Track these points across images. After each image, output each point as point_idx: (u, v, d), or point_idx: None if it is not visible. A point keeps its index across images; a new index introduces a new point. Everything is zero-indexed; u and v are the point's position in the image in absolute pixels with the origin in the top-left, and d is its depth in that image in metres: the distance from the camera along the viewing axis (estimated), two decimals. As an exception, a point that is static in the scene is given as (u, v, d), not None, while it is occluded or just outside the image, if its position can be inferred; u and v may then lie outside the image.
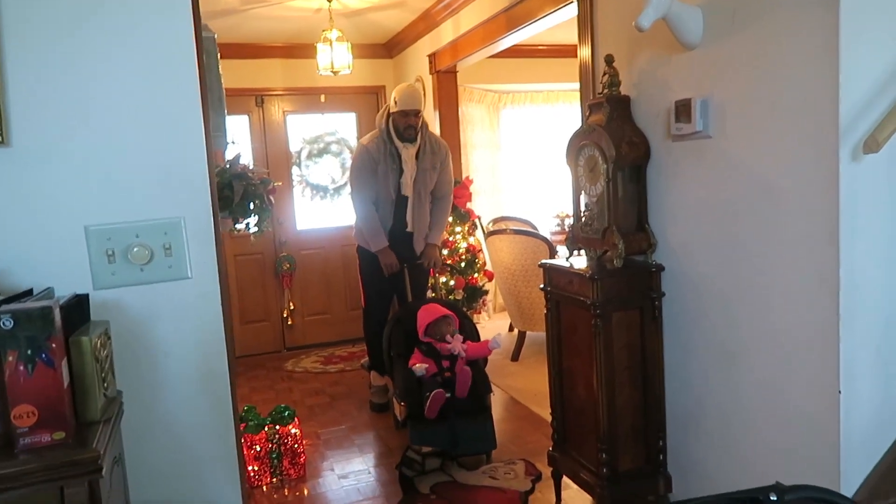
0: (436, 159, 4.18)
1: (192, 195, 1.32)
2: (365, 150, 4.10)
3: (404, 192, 4.11)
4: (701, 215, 2.42)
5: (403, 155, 4.07)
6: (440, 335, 3.64)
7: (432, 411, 3.30)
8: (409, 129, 4.04)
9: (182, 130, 1.30)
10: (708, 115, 2.31)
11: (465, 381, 3.38)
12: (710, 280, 2.41)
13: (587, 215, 2.77)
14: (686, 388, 2.60)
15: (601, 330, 2.57)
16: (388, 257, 4.12)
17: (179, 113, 1.31)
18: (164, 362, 1.31)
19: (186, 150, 1.31)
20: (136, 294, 1.29)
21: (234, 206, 2.66)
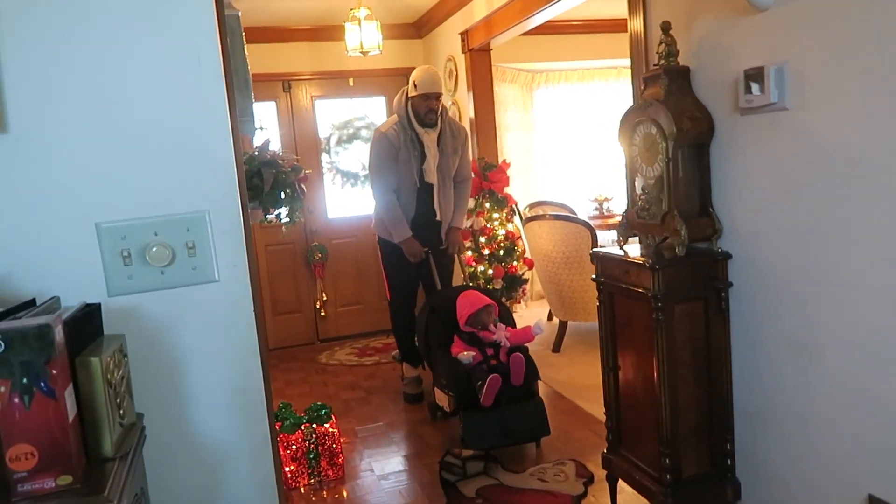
0: (456, 143, 4.04)
1: (217, 185, 1.14)
2: (384, 137, 3.93)
3: (428, 178, 3.96)
4: (775, 197, 2.18)
5: (425, 140, 3.92)
6: (482, 324, 3.57)
7: (489, 398, 3.23)
8: (431, 114, 3.88)
9: (204, 113, 1.12)
10: (784, 85, 2.07)
11: (519, 368, 3.33)
12: (786, 269, 2.18)
13: (644, 199, 2.55)
14: (756, 386, 2.38)
15: (663, 323, 2.36)
16: (412, 246, 3.98)
17: (201, 94, 1.13)
18: (189, 378, 1.14)
19: (210, 135, 1.13)
20: (157, 300, 1.12)
21: (265, 196, 2.50)
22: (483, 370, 3.38)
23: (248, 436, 1.20)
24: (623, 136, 2.62)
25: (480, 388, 3.26)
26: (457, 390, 3.43)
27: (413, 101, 3.89)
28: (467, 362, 3.42)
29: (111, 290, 1.09)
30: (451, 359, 3.54)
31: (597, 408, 3.84)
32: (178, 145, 1.12)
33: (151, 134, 1.10)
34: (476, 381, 3.33)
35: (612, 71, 6.76)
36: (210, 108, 1.14)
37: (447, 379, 3.55)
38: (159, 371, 1.12)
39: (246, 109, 2.65)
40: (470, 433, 3.31)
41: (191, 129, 1.13)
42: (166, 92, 1.11)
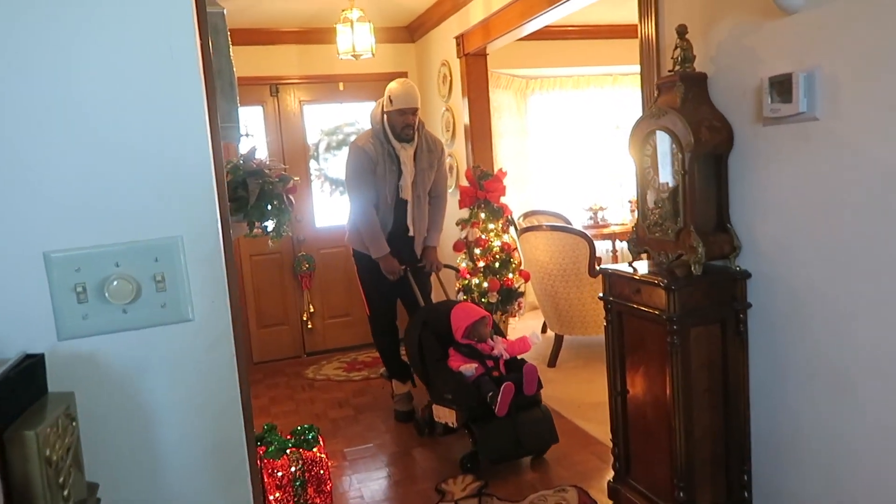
0: (433, 157, 3.91)
1: (193, 204, 0.96)
2: (362, 150, 3.78)
3: (403, 195, 3.84)
4: (802, 212, 2.03)
5: (402, 156, 3.79)
6: (479, 336, 3.50)
7: (504, 407, 3.16)
8: (407, 129, 3.74)
9: (178, 118, 0.94)
10: (814, 93, 1.92)
11: (532, 377, 3.29)
12: (814, 289, 2.02)
13: (657, 213, 2.39)
14: (777, 414, 2.22)
15: (678, 347, 2.20)
16: (389, 263, 3.84)
17: (174, 95, 0.95)
18: (158, 436, 0.96)
19: (184, 145, 0.95)
20: (118, 345, 0.93)
21: (250, 209, 2.30)
22: (489, 381, 3.30)
23: (227, 499, 1.01)
24: (634, 147, 2.47)
25: (493, 398, 3.18)
26: (466, 403, 3.34)
27: (389, 115, 3.75)
28: (470, 374, 3.34)
29: (62, 333, 0.90)
30: (452, 372, 3.44)
31: (598, 428, 3.68)
32: (145, 157, 0.93)
33: (112, 143, 0.92)
34: (486, 392, 3.25)
35: (608, 78, 6.63)
36: (185, 113, 0.96)
37: (453, 393, 3.43)
38: (121, 429, 0.94)
39: (231, 115, 2.46)
40: (484, 446, 3.23)
41: (161, 137, 0.94)
42: (131, 93, 0.92)
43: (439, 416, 3.53)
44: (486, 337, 3.50)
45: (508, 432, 3.24)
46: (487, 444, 3.23)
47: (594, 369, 4.62)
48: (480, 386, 3.28)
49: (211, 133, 1.18)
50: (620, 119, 6.52)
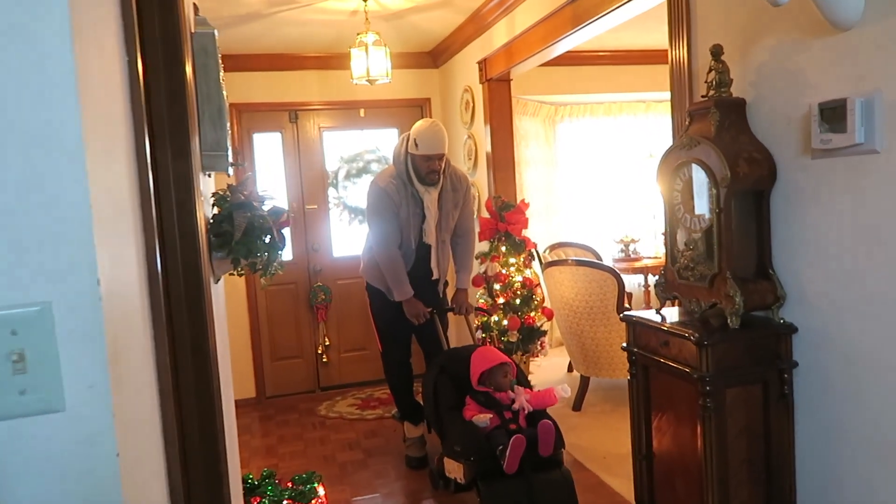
0: (457, 196, 3.70)
1: (68, 259, 0.74)
2: (384, 192, 3.55)
3: (427, 239, 3.64)
4: (858, 258, 1.74)
5: (426, 200, 3.57)
6: (497, 384, 3.15)
7: (513, 463, 2.81)
8: (433, 175, 3.51)
9: (44, 141, 0.72)
10: (873, 121, 1.65)
11: (548, 437, 2.88)
12: (872, 348, 1.73)
13: (688, 256, 2.11)
14: (830, 491, 1.91)
15: (712, 411, 1.91)
16: (414, 307, 3.62)
17: (36, 111, 0.72)
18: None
19: (54, 177, 0.73)
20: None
21: (235, 244, 2.10)
22: (503, 434, 2.97)
23: None
24: (662, 181, 2.21)
25: (503, 452, 2.86)
26: (475, 456, 3.01)
27: (414, 158, 3.52)
28: (483, 425, 3.02)
29: None
30: (464, 423, 3.14)
31: (624, 484, 3.36)
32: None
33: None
34: (496, 445, 2.93)
35: (641, 105, 6.37)
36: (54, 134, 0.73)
37: (462, 445, 3.11)
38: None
39: (219, 142, 2.28)
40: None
41: (19, 168, 0.72)
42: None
43: (449, 470, 3.24)
44: (504, 386, 3.16)
45: (519, 494, 2.88)
46: (489, 500, 2.90)
47: (623, 415, 4.27)
48: (491, 439, 2.97)
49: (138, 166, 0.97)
50: (654, 147, 6.24)
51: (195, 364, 1.80)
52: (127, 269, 0.92)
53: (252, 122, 5.18)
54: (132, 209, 1.00)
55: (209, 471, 1.86)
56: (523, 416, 3.08)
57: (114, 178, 0.88)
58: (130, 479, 0.81)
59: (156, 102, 1.66)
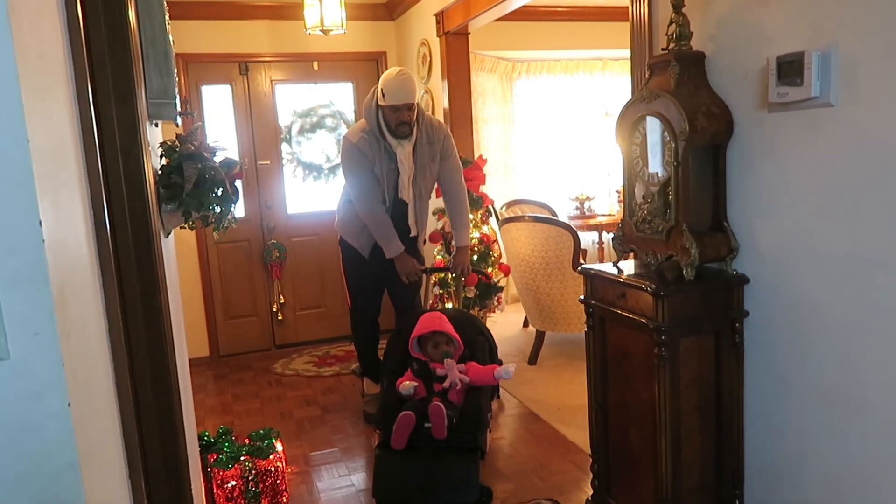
0: (434, 150, 3.54)
1: (4, 201, 0.69)
2: (356, 148, 3.43)
3: (401, 195, 3.50)
4: (810, 211, 1.78)
5: (399, 154, 3.42)
6: (426, 354, 3.02)
7: (399, 439, 2.66)
8: (402, 127, 3.38)
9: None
10: (830, 75, 1.66)
11: (439, 420, 2.64)
12: (821, 299, 1.78)
13: (646, 209, 2.13)
14: (776, 438, 1.99)
15: (666, 360, 1.96)
16: (406, 264, 3.53)
17: None
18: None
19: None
20: None
21: (186, 197, 2.02)
22: (419, 409, 2.77)
23: None
24: (621, 134, 2.21)
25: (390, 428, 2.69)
26: (379, 427, 2.83)
27: (383, 110, 3.39)
28: (407, 394, 2.85)
29: None
30: (386, 390, 3.03)
31: (578, 434, 3.45)
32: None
33: None
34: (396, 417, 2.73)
35: (598, 63, 6.35)
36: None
37: (376, 412, 2.97)
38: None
39: (166, 89, 2.17)
40: (378, 482, 2.71)
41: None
42: None
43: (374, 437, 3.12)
44: (433, 357, 2.98)
45: (412, 474, 2.67)
46: (383, 481, 2.70)
47: (577, 368, 4.38)
48: (399, 410, 2.77)
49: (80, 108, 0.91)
50: (610, 106, 6.26)
51: (146, 318, 1.74)
52: (72, 215, 0.87)
53: (200, 73, 4.98)
54: (75, 154, 0.94)
55: (164, 426, 1.83)
56: (458, 391, 2.91)
57: (53, 118, 0.82)
58: (83, 435, 0.78)
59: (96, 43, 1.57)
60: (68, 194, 0.86)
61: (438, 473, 2.68)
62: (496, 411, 3.96)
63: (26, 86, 0.70)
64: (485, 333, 3.29)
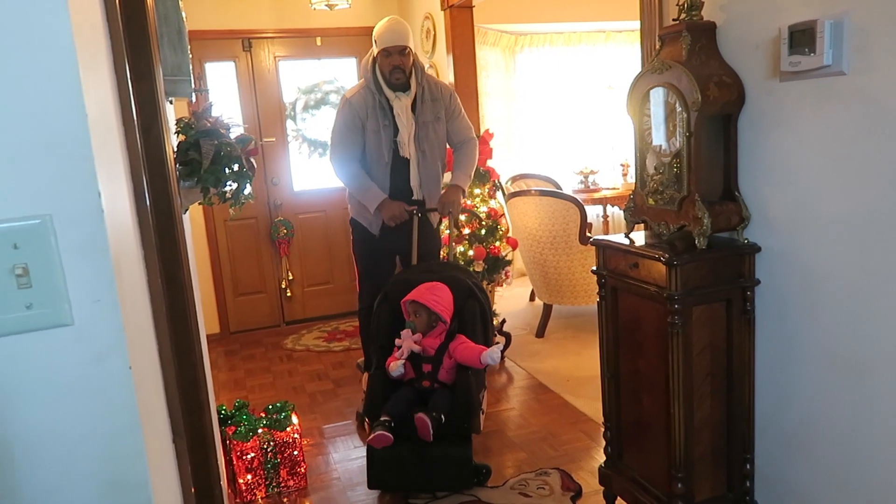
0: (438, 107, 3.39)
1: (66, 172, 0.72)
2: (348, 105, 3.32)
3: (402, 153, 3.34)
4: (821, 180, 1.81)
5: (396, 107, 3.30)
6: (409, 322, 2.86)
7: (375, 443, 2.58)
8: (396, 72, 3.25)
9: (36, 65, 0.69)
10: (842, 43, 1.68)
11: (424, 431, 2.56)
12: (831, 267, 1.81)
13: (658, 180, 2.16)
14: (785, 403, 2.04)
15: (679, 328, 2.00)
16: (390, 208, 3.29)
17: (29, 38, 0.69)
18: (27, 477, 0.73)
19: (47, 90, 0.70)
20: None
21: (203, 173, 2.05)
22: (408, 395, 2.72)
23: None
24: (633, 106, 2.22)
25: (376, 426, 2.60)
26: (370, 418, 2.76)
27: (378, 60, 3.30)
28: (397, 375, 2.76)
29: None
30: (374, 373, 2.88)
31: (588, 404, 3.52)
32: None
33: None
34: (385, 411, 2.65)
35: (600, 35, 6.32)
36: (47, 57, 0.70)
37: (365, 400, 2.89)
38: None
39: (180, 66, 2.19)
40: (372, 471, 2.68)
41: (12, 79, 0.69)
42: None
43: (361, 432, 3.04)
44: (415, 328, 2.83)
45: (407, 461, 2.65)
46: (376, 469, 2.68)
47: (584, 341, 4.45)
48: (389, 400, 2.73)
49: (118, 82, 0.94)
50: (613, 79, 6.24)
51: (170, 293, 1.78)
52: (119, 186, 0.90)
53: (203, 50, 4.96)
54: (117, 127, 0.97)
55: (189, 399, 1.87)
56: (447, 369, 2.80)
57: (101, 91, 0.85)
58: (142, 397, 0.82)
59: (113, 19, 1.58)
60: (116, 167, 0.89)
61: (431, 462, 2.65)
62: (505, 383, 4.02)
63: (81, 58, 0.72)
64: (476, 296, 3.05)
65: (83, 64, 0.74)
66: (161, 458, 0.95)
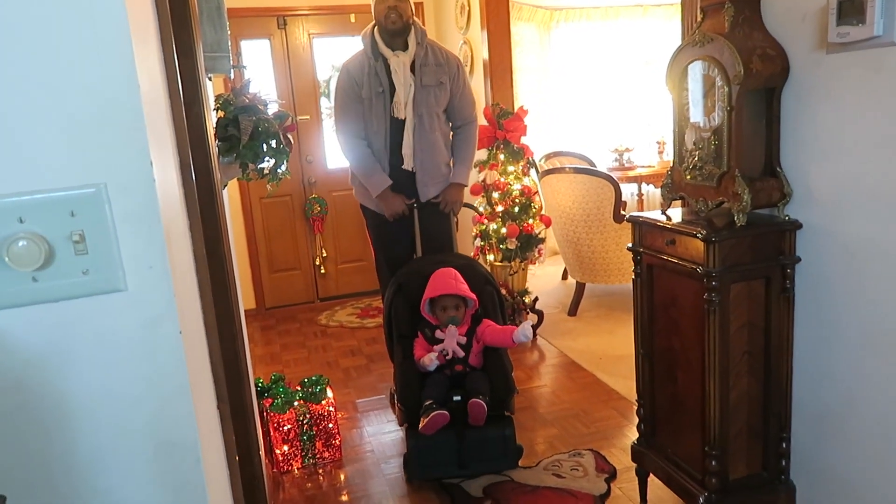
0: (441, 73, 3.19)
1: (119, 143, 0.74)
2: (345, 71, 3.18)
3: (397, 113, 3.14)
4: (867, 155, 1.76)
5: (392, 64, 3.10)
6: (438, 317, 2.86)
7: (429, 429, 2.59)
8: (392, 13, 3.04)
9: (91, 40, 0.71)
10: (894, 13, 1.62)
11: (478, 415, 2.61)
12: (875, 245, 1.77)
13: (697, 156, 2.12)
14: (824, 383, 2.01)
15: (716, 306, 1.98)
16: (389, 202, 3.19)
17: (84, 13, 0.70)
18: (86, 434, 0.77)
19: (101, 62, 0.72)
20: (27, 321, 0.74)
21: (242, 149, 2.08)
22: (441, 382, 2.72)
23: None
24: (671, 80, 2.18)
25: (426, 411, 2.60)
26: (404, 405, 2.75)
27: (376, 14, 3.11)
28: (432, 368, 2.76)
29: (-51, 308, 0.71)
30: (403, 362, 2.89)
31: (620, 382, 3.51)
32: (49, 84, 0.71)
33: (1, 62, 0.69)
34: (426, 397, 2.65)
35: (638, 9, 6.20)
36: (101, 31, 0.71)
37: (397, 388, 2.87)
38: (34, 429, 0.75)
39: (219, 43, 2.22)
40: (414, 461, 2.68)
41: (71, 60, 0.71)
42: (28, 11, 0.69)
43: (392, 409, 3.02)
44: (444, 322, 2.82)
45: (449, 449, 2.65)
46: (419, 459, 2.67)
47: (617, 319, 4.43)
48: (425, 387, 2.71)
49: (164, 58, 0.95)
50: (650, 54, 6.12)
51: (211, 267, 1.82)
52: (168, 157, 0.93)
53: (239, 28, 4.99)
54: (164, 101, 0.99)
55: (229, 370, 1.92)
56: (476, 353, 2.83)
57: (151, 64, 0.87)
58: (192, 361, 0.85)
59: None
60: (164, 139, 0.91)
61: (474, 445, 2.66)
62: (537, 361, 4.03)
63: (134, 32, 0.74)
64: (491, 282, 3.09)
65: (135, 38, 0.75)
66: (208, 421, 0.98)
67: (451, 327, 2.82)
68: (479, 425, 2.62)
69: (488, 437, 2.68)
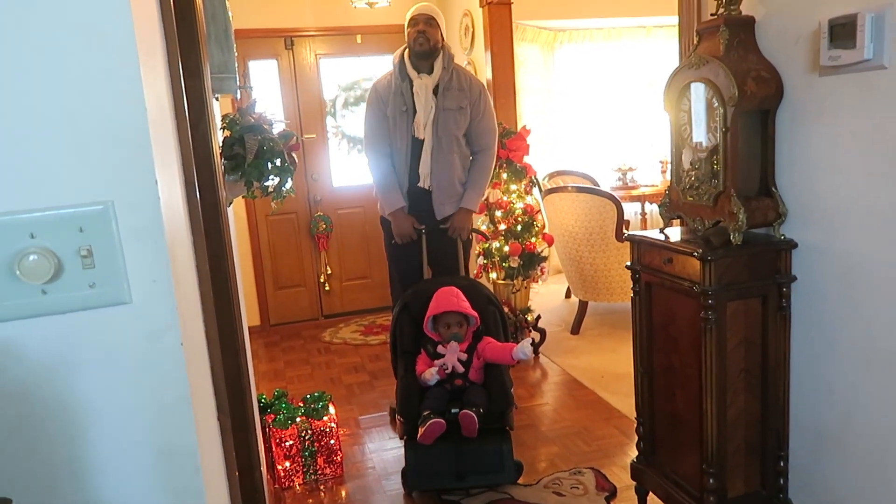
0: (463, 98, 3.28)
1: (126, 162, 0.78)
2: (373, 88, 3.37)
3: (417, 133, 3.25)
4: (861, 175, 1.79)
5: (415, 85, 3.23)
6: (440, 334, 2.92)
7: (426, 439, 2.62)
8: (420, 39, 3.20)
9: (101, 60, 0.75)
10: (883, 37, 1.66)
11: (470, 426, 2.63)
12: (870, 264, 1.80)
13: (694, 175, 2.16)
14: (821, 401, 2.02)
15: (713, 323, 2.00)
16: (400, 223, 3.31)
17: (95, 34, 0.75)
18: (86, 443, 0.80)
19: (112, 84, 0.76)
20: (35, 333, 0.77)
21: (247, 167, 2.13)
22: (441, 394, 2.77)
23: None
24: (669, 101, 2.23)
25: (423, 421, 2.63)
26: (404, 418, 2.79)
27: (407, 38, 3.30)
28: (432, 382, 2.81)
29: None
30: (404, 375, 2.95)
31: (622, 400, 3.52)
32: (60, 105, 0.75)
33: (14, 86, 0.74)
34: (425, 408, 2.70)
35: (641, 30, 6.27)
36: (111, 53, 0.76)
37: (397, 401, 2.92)
38: (39, 435, 0.78)
39: (227, 64, 2.27)
40: (412, 471, 2.74)
41: (81, 80, 0.75)
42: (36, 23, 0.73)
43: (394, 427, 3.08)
44: (446, 339, 2.89)
45: (446, 461, 2.69)
46: (417, 470, 2.73)
47: (619, 338, 4.44)
48: (424, 400, 2.77)
49: (171, 79, 1.00)
50: (653, 75, 6.18)
51: (215, 283, 1.85)
52: (172, 176, 0.96)
53: (247, 48, 5.08)
54: (170, 121, 1.03)
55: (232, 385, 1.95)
56: (477, 369, 2.87)
57: (157, 84, 0.91)
58: (192, 372, 0.88)
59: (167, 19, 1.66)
60: (170, 159, 0.95)
61: (471, 457, 2.69)
62: (539, 379, 4.04)
63: (142, 56, 0.78)
64: (494, 302, 3.16)
65: (143, 61, 0.79)
66: (207, 430, 1.01)
67: (453, 343, 2.88)
68: (473, 437, 2.64)
69: (485, 449, 2.70)
